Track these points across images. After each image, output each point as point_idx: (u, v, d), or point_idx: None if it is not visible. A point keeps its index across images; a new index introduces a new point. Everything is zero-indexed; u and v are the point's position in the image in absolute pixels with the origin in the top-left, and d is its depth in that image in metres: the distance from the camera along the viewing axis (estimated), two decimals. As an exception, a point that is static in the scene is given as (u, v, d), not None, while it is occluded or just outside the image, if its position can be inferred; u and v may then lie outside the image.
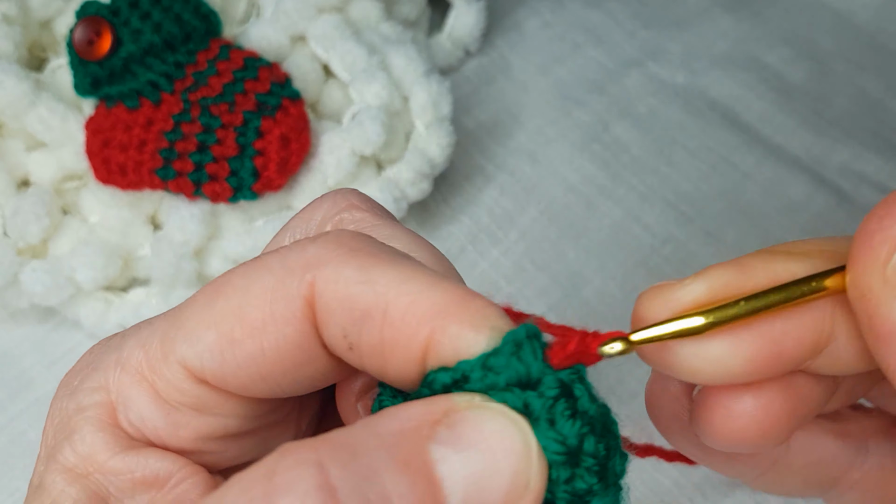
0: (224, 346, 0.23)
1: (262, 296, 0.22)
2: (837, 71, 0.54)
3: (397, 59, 0.46)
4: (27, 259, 0.42)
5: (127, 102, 0.43)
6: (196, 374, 0.23)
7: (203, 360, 0.23)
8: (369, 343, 0.22)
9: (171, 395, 0.24)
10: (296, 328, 0.22)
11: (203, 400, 0.24)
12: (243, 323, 0.22)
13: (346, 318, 0.22)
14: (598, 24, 0.57)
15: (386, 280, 0.21)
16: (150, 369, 0.24)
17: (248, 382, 0.23)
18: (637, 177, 0.50)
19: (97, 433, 0.24)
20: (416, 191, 0.45)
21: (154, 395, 0.24)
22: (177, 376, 0.23)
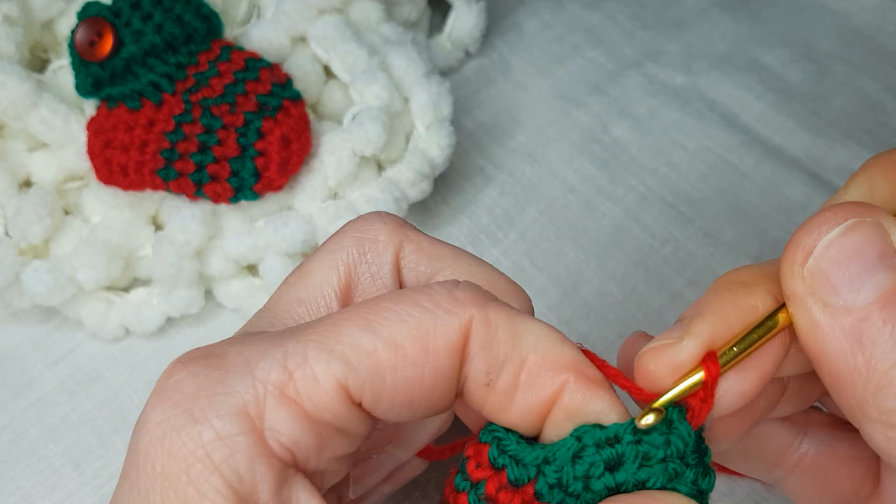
0: (387, 371, 0.24)
1: (418, 328, 0.25)
2: (836, 72, 0.54)
3: (398, 60, 0.46)
4: (29, 259, 0.42)
5: (128, 103, 0.43)
6: (354, 396, 0.24)
7: (363, 384, 0.24)
8: (505, 383, 0.25)
9: (321, 415, 0.24)
10: (451, 360, 0.25)
11: (350, 421, 0.25)
12: (406, 352, 0.24)
13: (492, 358, 0.25)
14: (597, 25, 0.57)
15: (528, 331, 0.25)
16: (298, 390, 0.24)
17: (397, 407, 0.25)
18: (636, 177, 0.50)
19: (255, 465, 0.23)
20: (417, 191, 0.45)
21: (304, 416, 0.24)
22: (332, 397, 0.24)
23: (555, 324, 0.45)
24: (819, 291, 0.24)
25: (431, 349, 0.24)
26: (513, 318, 0.25)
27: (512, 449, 0.25)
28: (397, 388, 0.24)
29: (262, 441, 0.23)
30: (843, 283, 0.24)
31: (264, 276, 0.44)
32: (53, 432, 0.42)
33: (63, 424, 0.43)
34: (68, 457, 0.42)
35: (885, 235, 0.24)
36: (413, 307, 0.25)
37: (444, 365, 0.25)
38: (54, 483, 0.41)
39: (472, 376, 0.25)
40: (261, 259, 0.44)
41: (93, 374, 0.44)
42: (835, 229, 0.24)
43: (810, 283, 0.24)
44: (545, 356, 0.25)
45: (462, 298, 0.25)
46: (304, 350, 0.24)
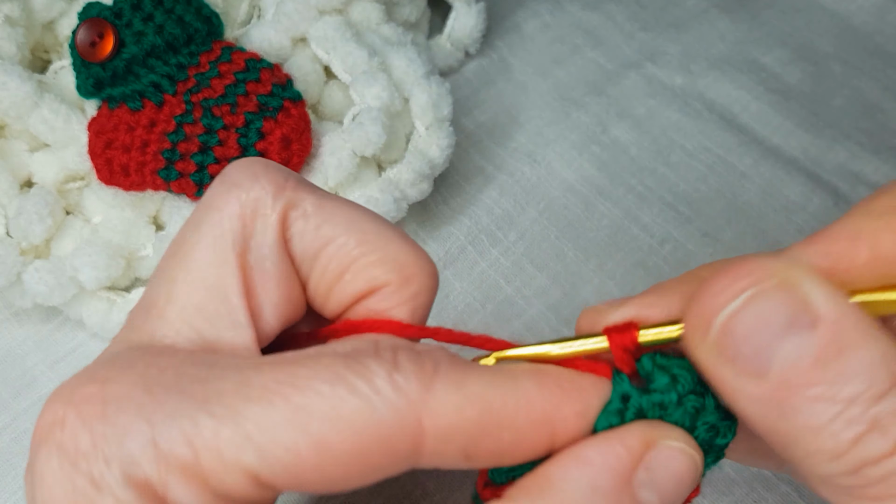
0: (308, 472, 0.22)
1: (350, 424, 0.22)
2: (835, 72, 0.54)
3: (398, 61, 0.46)
4: (30, 259, 0.43)
5: (129, 104, 0.43)
6: (264, 482, 0.22)
7: (278, 477, 0.22)
8: (490, 451, 0.23)
9: (229, 494, 0.22)
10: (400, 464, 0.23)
11: (261, 497, 0.23)
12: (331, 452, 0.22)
13: (464, 440, 0.23)
14: (597, 25, 0.57)
15: (486, 394, 0.23)
16: (203, 470, 0.22)
17: (316, 486, 0.22)
18: (635, 177, 0.50)
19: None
20: (417, 191, 0.45)
21: (210, 492, 0.22)
22: (240, 483, 0.22)
23: (554, 324, 0.45)
24: (728, 362, 0.22)
25: (363, 451, 0.22)
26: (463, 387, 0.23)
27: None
28: (317, 482, 0.22)
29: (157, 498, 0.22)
30: (751, 354, 0.22)
31: (265, 275, 0.44)
32: (55, 432, 0.43)
33: (64, 424, 0.43)
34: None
35: (795, 295, 0.22)
36: (350, 394, 0.22)
37: (379, 466, 0.22)
38: (56, 482, 0.41)
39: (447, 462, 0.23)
40: (261, 259, 0.44)
41: (94, 373, 0.44)
42: (732, 303, 0.22)
43: (716, 354, 0.23)
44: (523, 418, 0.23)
45: (404, 384, 0.22)
46: (217, 428, 0.22)
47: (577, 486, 0.22)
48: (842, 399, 0.21)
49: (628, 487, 0.23)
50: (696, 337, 0.23)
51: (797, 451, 0.22)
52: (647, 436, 0.23)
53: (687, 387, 0.24)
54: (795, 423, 0.22)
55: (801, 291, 0.22)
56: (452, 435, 0.22)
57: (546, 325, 0.45)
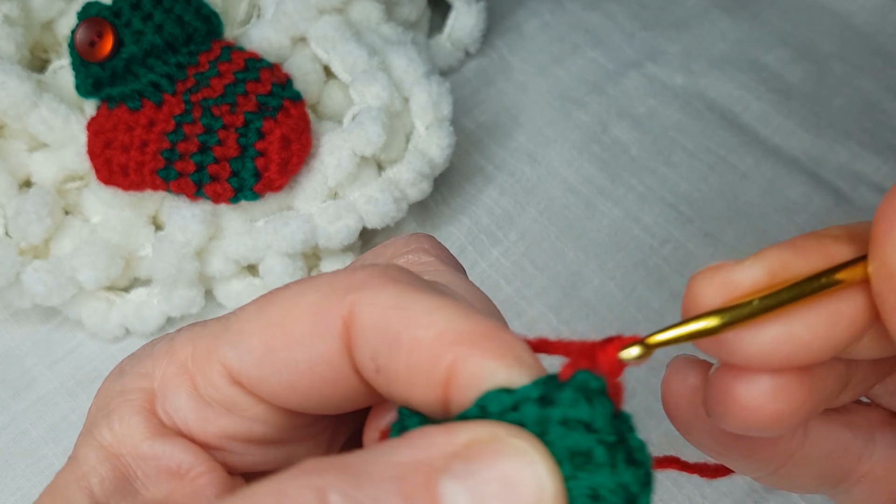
0: (263, 352, 0.24)
1: (305, 310, 0.23)
2: (836, 72, 0.54)
3: (398, 61, 0.46)
4: (29, 259, 0.43)
5: (128, 103, 0.43)
6: (233, 374, 0.24)
7: (241, 363, 0.24)
8: (395, 368, 0.22)
9: (207, 391, 0.25)
10: (330, 345, 0.23)
11: (234, 400, 0.25)
12: (284, 333, 0.23)
13: (377, 340, 0.22)
14: (597, 25, 0.57)
15: (418, 308, 0.21)
16: (194, 364, 0.25)
17: (279, 391, 0.24)
18: (636, 177, 0.50)
19: (134, 416, 0.25)
20: (417, 191, 0.45)
21: (192, 388, 0.25)
22: (215, 374, 0.24)
23: (554, 324, 0.45)
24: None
25: (308, 332, 0.23)
26: (401, 297, 0.22)
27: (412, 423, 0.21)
28: (274, 371, 0.23)
29: (150, 400, 0.25)
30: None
31: (264, 276, 0.44)
32: (53, 432, 0.43)
33: (63, 424, 0.43)
34: (68, 456, 0.42)
35: None
36: (312, 289, 0.23)
37: (322, 349, 0.23)
38: (54, 483, 0.41)
39: (360, 363, 0.22)
40: (261, 259, 0.44)
41: (93, 374, 0.44)
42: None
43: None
44: (434, 334, 0.21)
45: (356, 280, 0.23)
46: (214, 329, 0.25)
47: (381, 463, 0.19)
48: None
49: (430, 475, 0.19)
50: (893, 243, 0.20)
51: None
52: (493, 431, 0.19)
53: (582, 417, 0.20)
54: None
55: None
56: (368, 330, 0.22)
57: (546, 326, 0.45)
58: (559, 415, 0.19)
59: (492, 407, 0.20)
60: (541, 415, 0.19)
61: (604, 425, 0.19)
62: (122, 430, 0.25)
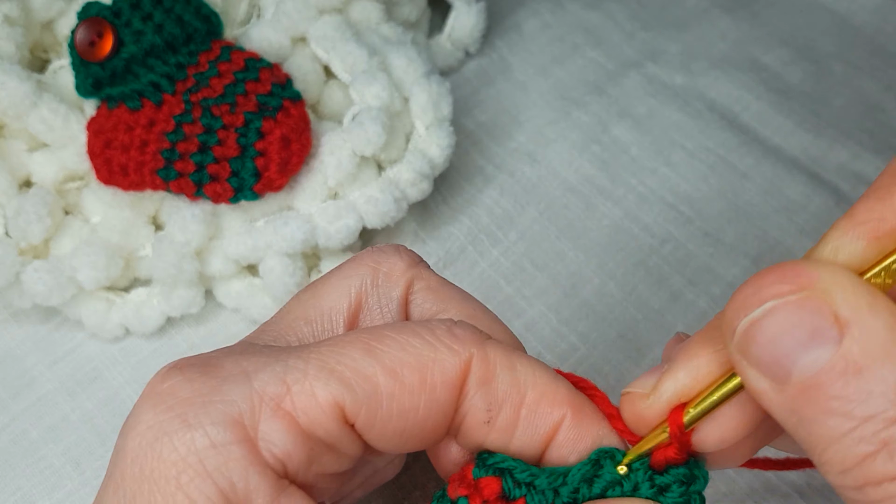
0: (384, 397, 0.25)
1: (417, 359, 0.25)
2: (835, 72, 0.54)
3: (398, 61, 0.46)
4: (29, 259, 0.43)
5: (128, 103, 0.43)
6: (349, 417, 0.25)
7: (361, 407, 0.25)
8: (506, 419, 0.26)
9: (315, 432, 0.25)
10: (448, 395, 0.25)
11: (342, 441, 0.25)
12: (404, 380, 0.25)
13: (492, 395, 0.26)
14: (597, 25, 0.57)
15: (524, 369, 0.26)
16: (292, 403, 0.24)
17: (389, 434, 0.26)
18: (636, 177, 0.50)
19: (250, 474, 0.23)
20: (417, 191, 0.45)
21: (297, 430, 0.24)
22: (327, 415, 0.25)
23: (555, 324, 0.45)
24: (752, 366, 0.23)
25: (429, 382, 0.25)
26: (510, 357, 0.26)
27: (525, 476, 0.26)
28: (392, 415, 0.25)
29: (256, 451, 0.23)
30: (772, 362, 0.22)
31: (264, 276, 0.44)
32: (53, 432, 0.43)
33: (63, 424, 0.43)
34: (68, 456, 0.42)
35: (819, 308, 0.22)
36: (414, 338, 0.26)
37: (441, 399, 0.25)
38: (54, 483, 0.41)
39: (471, 413, 0.26)
40: (261, 259, 0.44)
41: (93, 373, 0.44)
42: (754, 311, 0.22)
43: (739, 356, 0.23)
44: (543, 392, 0.26)
45: (461, 336, 0.26)
46: (305, 366, 0.25)
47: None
48: (858, 416, 0.21)
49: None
50: (726, 337, 0.24)
51: (812, 456, 0.23)
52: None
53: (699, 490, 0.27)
54: (811, 431, 0.22)
55: (831, 304, 0.22)
56: (485, 384, 0.26)
57: (546, 326, 0.45)
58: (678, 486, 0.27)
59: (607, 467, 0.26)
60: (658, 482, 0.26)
61: None
62: (239, 493, 0.23)
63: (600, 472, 0.26)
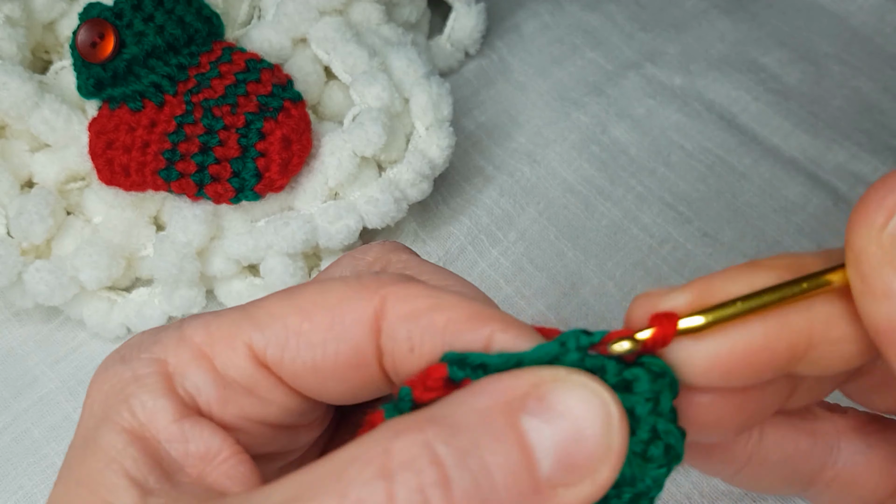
0: (290, 334, 0.25)
1: (335, 301, 0.25)
2: (834, 73, 0.55)
3: (398, 61, 0.46)
4: (31, 259, 0.43)
5: (130, 104, 0.43)
6: (258, 355, 0.25)
7: (268, 344, 0.25)
8: (431, 344, 0.24)
9: (228, 372, 0.25)
10: (360, 332, 0.25)
11: (256, 381, 0.26)
12: (313, 319, 0.25)
13: (412, 325, 0.25)
14: (596, 26, 0.58)
15: (448, 298, 0.25)
16: (212, 347, 0.26)
17: (302, 372, 0.25)
18: (635, 178, 0.51)
19: (157, 399, 0.25)
20: (417, 191, 0.45)
21: (212, 369, 0.25)
22: (239, 356, 0.25)
23: (554, 324, 0.45)
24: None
25: (338, 318, 0.25)
26: (431, 290, 0.25)
27: (477, 358, 0.23)
28: (301, 351, 0.25)
29: (170, 383, 0.25)
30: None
31: (265, 276, 0.44)
32: (55, 431, 0.43)
33: (65, 423, 0.43)
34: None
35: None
36: (339, 283, 0.26)
37: (352, 335, 0.25)
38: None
39: (394, 347, 0.25)
40: (262, 259, 0.44)
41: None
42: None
43: (890, 249, 0.21)
44: (469, 314, 0.24)
45: (385, 279, 0.25)
46: (232, 316, 0.26)
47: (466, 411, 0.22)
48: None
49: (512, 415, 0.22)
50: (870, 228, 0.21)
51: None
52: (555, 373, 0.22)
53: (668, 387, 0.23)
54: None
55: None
56: (404, 318, 0.25)
57: (545, 325, 0.45)
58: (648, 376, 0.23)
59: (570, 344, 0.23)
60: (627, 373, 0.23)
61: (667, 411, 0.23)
62: (146, 413, 0.25)
63: (565, 355, 0.23)
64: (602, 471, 0.21)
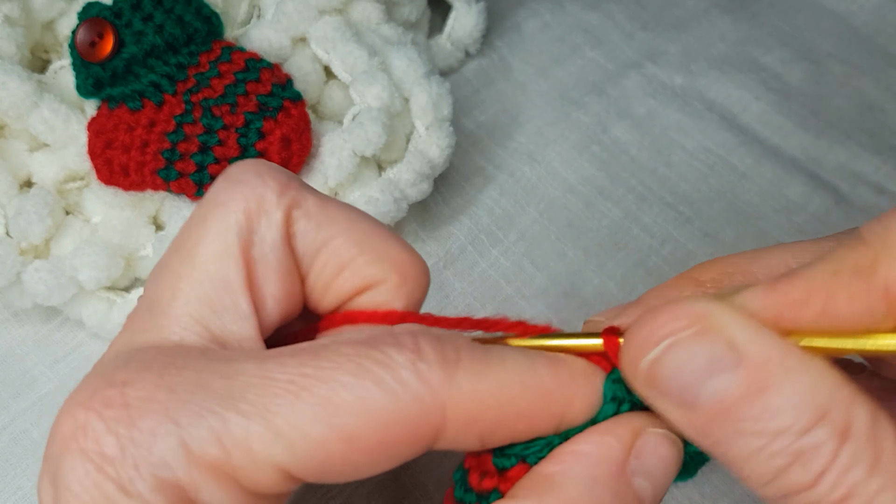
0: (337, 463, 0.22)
1: (377, 417, 0.22)
2: (835, 72, 0.54)
3: (398, 61, 0.46)
4: (30, 259, 0.43)
5: (129, 104, 0.43)
6: (296, 477, 0.23)
7: (308, 471, 0.22)
8: (503, 437, 0.24)
9: (257, 490, 0.22)
10: (412, 449, 0.23)
11: (289, 490, 0.23)
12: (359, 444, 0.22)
13: (482, 427, 0.24)
14: (597, 25, 0.57)
15: (507, 384, 0.24)
16: (234, 468, 0.22)
17: (355, 472, 0.23)
18: (636, 177, 0.50)
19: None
20: (417, 191, 0.45)
21: (240, 491, 0.22)
22: (272, 479, 0.22)
23: (554, 324, 0.45)
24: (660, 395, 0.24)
25: (390, 441, 0.22)
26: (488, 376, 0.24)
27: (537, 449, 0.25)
28: (344, 472, 0.23)
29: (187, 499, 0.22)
30: (678, 392, 0.23)
31: (265, 276, 0.44)
32: (54, 432, 0.43)
33: (64, 424, 0.43)
34: None
35: (713, 339, 0.23)
36: (375, 385, 0.22)
37: (404, 453, 0.23)
38: (55, 482, 0.41)
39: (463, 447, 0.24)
40: (261, 259, 0.44)
41: (94, 373, 0.44)
42: (653, 350, 0.23)
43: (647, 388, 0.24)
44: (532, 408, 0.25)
45: (429, 377, 0.23)
46: (247, 425, 0.22)
47: (578, 480, 0.23)
48: (768, 433, 0.22)
49: (624, 475, 0.24)
50: (630, 374, 0.24)
51: (734, 473, 0.24)
52: (634, 425, 0.25)
53: None
54: (726, 452, 0.23)
55: (725, 334, 0.23)
56: (473, 422, 0.23)
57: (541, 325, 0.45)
58: None
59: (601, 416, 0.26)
60: None
61: None
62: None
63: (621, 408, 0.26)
64: None
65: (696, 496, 0.40)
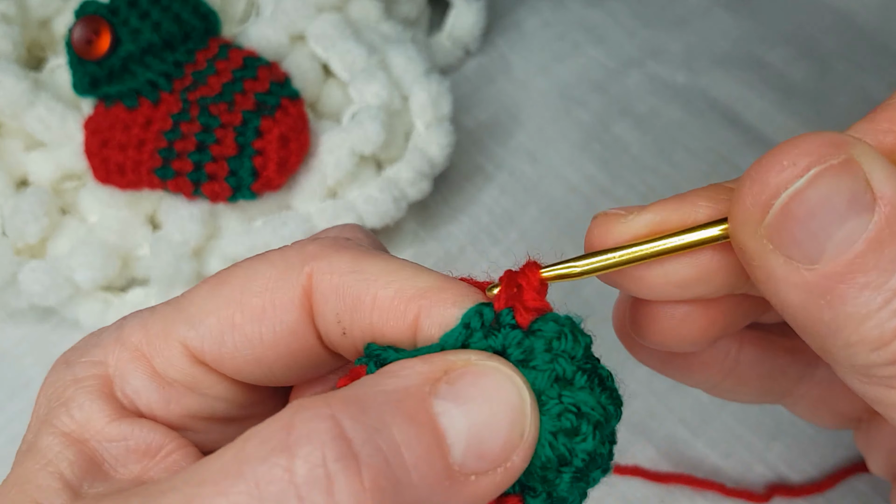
0: (225, 329, 0.25)
1: (263, 285, 0.25)
2: (838, 70, 0.54)
3: (397, 59, 0.46)
4: (26, 259, 0.42)
5: (126, 102, 0.43)
6: (195, 354, 0.25)
7: (203, 342, 0.25)
8: (361, 327, 0.24)
9: (168, 372, 0.25)
10: (293, 315, 0.24)
11: (197, 379, 0.25)
12: (244, 309, 0.25)
13: (340, 304, 0.24)
14: (598, 23, 0.57)
15: (374, 270, 0.24)
16: (150, 347, 0.25)
17: (243, 365, 0.25)
18: (637, 176, 0.50)
19: (94, 401, 0.25)
20: (416, 190, 0.45)
21: (150, 370, 0.25)
22: (175, 355, 0.25)
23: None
24: (780, 247, 0.21)
25: (269, 304, 0.24)
26: (357, 261, 0.24)
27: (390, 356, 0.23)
28: (237, 346, 0.25)
29: (109, 386, 0.25)
30: (806, 238, 0.21)
31: (263, 275, 0.44)
32: (50, 433, 0.42)
33: (60, 425, 0.42)
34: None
35: (856, 173, 0.21)
36: (265, 265, 0.25)
37: (286, 320, 0.24)
38: (51, 484, 0.41)
39: (325, 329, 0.25)
40: (259, 259, 0.44)
41: (90, 374, 0.44)
42: (796, 183, 0.21)
43: (769, 239, 0.21)
44: (394, 293, 0.24)
45: (309, 251, 0.25)
46: (166, 312, 0.25)
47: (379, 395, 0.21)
48: (891, 287, 0.20)
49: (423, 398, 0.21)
50: (750, 222, 0.22)
51: (837, 342, 0.21)
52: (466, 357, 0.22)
53: (566, 348, 0.23)
54: (841, 312, 0.21)
55: (862, 170, 0.21)
56: (330, 295, 0.24)
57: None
58: (542, 345, 0.23)
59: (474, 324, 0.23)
60: (526, 345, 0.23)
61: (583, 356, 0.24)
62: (83, 415, 0.25)
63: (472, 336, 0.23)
64: (514, 459, 0.21)
65: (696, 497, 0.40)
